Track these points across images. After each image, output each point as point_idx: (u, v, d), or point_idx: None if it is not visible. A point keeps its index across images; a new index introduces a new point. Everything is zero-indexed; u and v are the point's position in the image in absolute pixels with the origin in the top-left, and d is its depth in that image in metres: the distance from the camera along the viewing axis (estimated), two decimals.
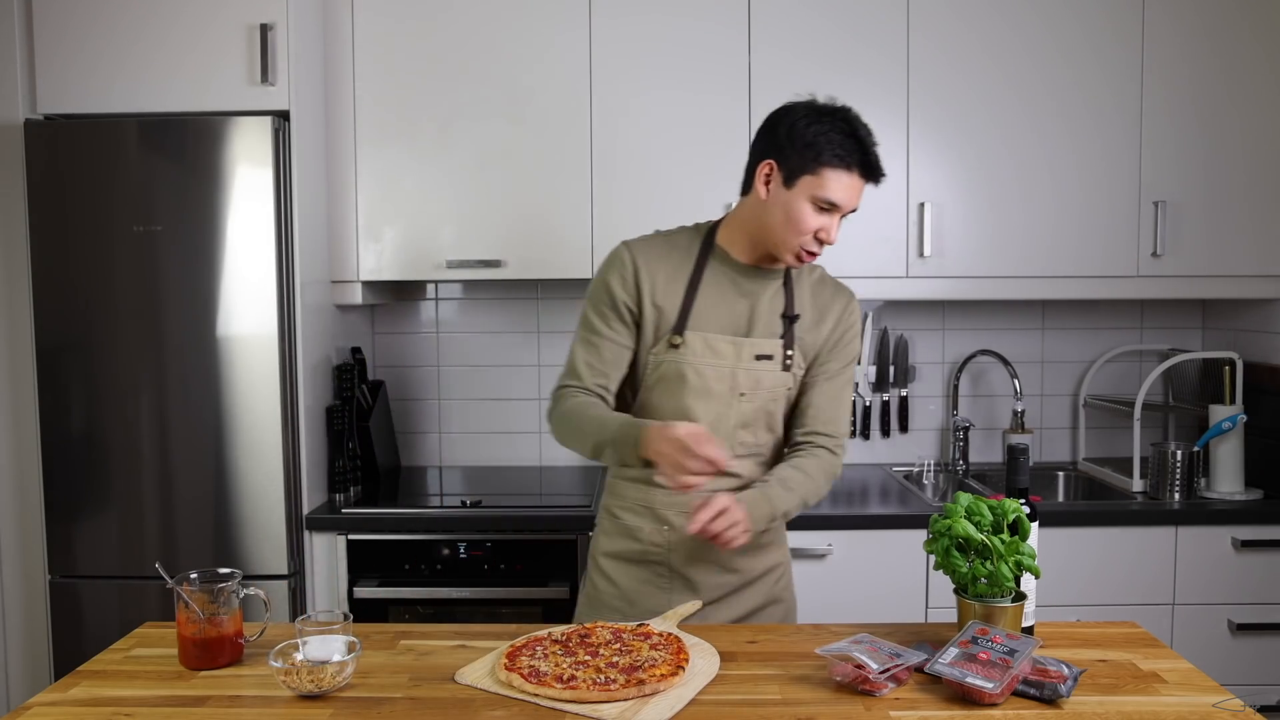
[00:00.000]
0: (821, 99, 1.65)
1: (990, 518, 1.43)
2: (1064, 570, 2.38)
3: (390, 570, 2.42)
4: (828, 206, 1.61)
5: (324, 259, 2.59)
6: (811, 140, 1.59)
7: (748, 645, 1.51)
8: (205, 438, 2.34)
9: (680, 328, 1.68)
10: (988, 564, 1.40)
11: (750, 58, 2.60)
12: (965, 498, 1.46)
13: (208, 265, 2.33)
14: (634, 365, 1.73)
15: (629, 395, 1.76)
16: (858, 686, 1.33)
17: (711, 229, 1.75)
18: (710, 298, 1.70)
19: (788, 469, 1.69)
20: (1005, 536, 1.41)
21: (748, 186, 1.70)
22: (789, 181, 1.62)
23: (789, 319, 1.72)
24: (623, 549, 1.77)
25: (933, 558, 1.46)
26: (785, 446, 1.79)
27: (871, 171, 1.63)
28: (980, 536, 1.40)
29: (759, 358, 1.70)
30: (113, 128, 2.32)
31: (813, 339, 1.75)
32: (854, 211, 1.65)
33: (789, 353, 1.71)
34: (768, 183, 1.65)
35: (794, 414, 1.78)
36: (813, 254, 1.65)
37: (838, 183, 1.60)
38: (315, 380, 2.52)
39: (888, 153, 2.57)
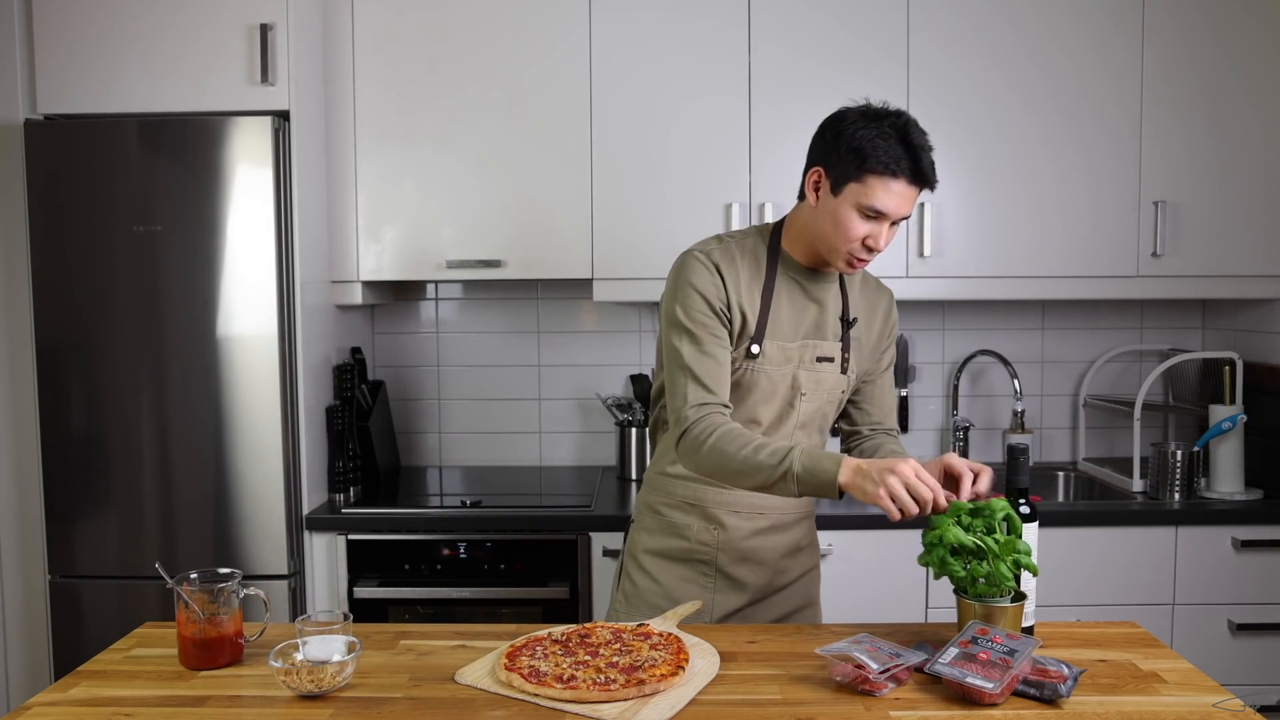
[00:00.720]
0: (877, 103, 1.61)
1: (980, 520, 1.42)
2: (1064, 570, 2.38)
3: (390, 570, 2.42)
4: (874, 214, 1.57)
5: (324, 259, 2.59)
6: (858, 146, 1.56)
7: (748, 645, 1.51)
8: (205, 438, 2.34)
9: (759, 338, 1.67)
10: (984, 564, 1.40)
11: (750, 56, 2.60)
12: (954, 504, 1.45)
13: (208, 265, 2.33)
14: None
15: None
16: (858, 686, 1.33)
17: (775, 233, 1.74)
18: (783, 305, 1.70)
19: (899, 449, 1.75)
20: (999, 536, 1.41)
21: (803, 192, 1.68)
22: (836, 189, 1.59)
23: (847, 322, 1.74)
24: (668, 546, 1.77)
25: (930, 568, 1.45)
26: (850, 439, 1.84)
27: (922, 178, 1.57)
28: (972, 540, 1.39)
29: (820, 359, 1.71)
30: (113, 128, 2.32)
31: (867, 339, 1.78)
32: (906, 219, 1.62)
33: (846, 355, 1.74)
34: (816, 190, 1.63)
35: (854, 410, 1.83)
36: (863, 260, 1.63)
37: (884, 190, 1.55)
38: (315, 380, 2.52)
39: None
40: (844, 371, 1.74)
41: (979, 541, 1.39)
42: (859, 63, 2.60)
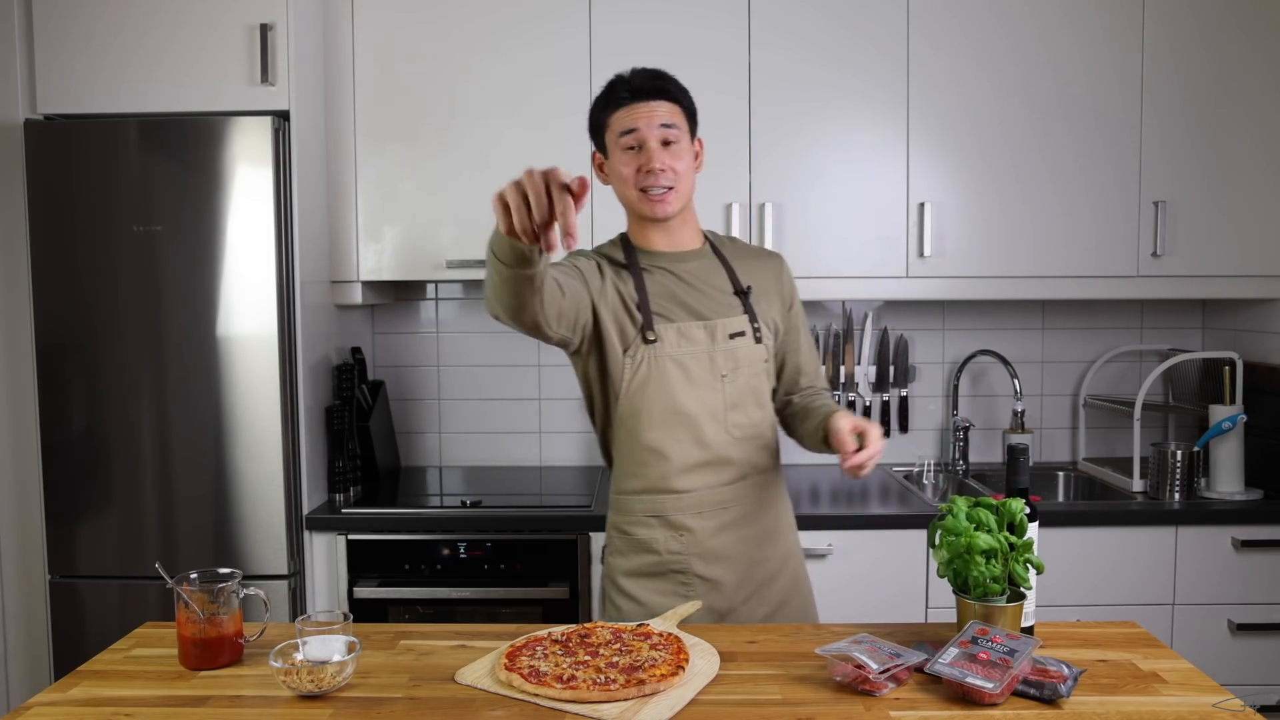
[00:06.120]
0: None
1: (995, 519, 1.43)
2: (1064, 570, 2.38)
3: (390, 570, 2.42)
4: (633, 143, 1.67)
5: (324, 259, 2.59)
6: (596, 106, 1.74)
7: (748, 645, 1.51)
8: (205, 438, 2.34)
9: (649, 323, 1.69)
10: (994, 563, 1.40)
11: (750, 56, 2.60)
12: (962, 502, 1.45)
13: (208, 265, 2.33)
14: (609, 374, 1.72)
15: (610, 402, 1.75)
16: (858, 686, 1.33)
17: (623, 235, 1.79)
18: (659, 292, 1.72)
19: (836, 403, 1.79)
20: (1008, 535, 1.41)
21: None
22: (605, 153, 1.74)
23: (742, 294, 1.76)
24: (641, 564, 1.75)
25: (935, 563, 1.45)
26: (785, 409, 1.86)
27: (649, 92, 1.67)
28: (1000, 543, 1.39)
29: (732, 336, 1.73)
30: (113, 128, 2.32)
31: (767, 306, 1.80)
32: (671, 129, 1.67)
33: (756, 326, 1.75)
34: (602, 168, 1.76)
35: (783, 380, 1.86)
36: (659, 193, 1.68)
37: (624, 117, 1.68)
38: (315, 380, 2.52)
39: (887, 153, 2.62)
40: (758, 341, 1.75)
41: (1004, 539, 1.39)
42: (859, 63, 2.60)
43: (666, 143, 1.67)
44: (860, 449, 1.55)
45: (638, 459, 1.72)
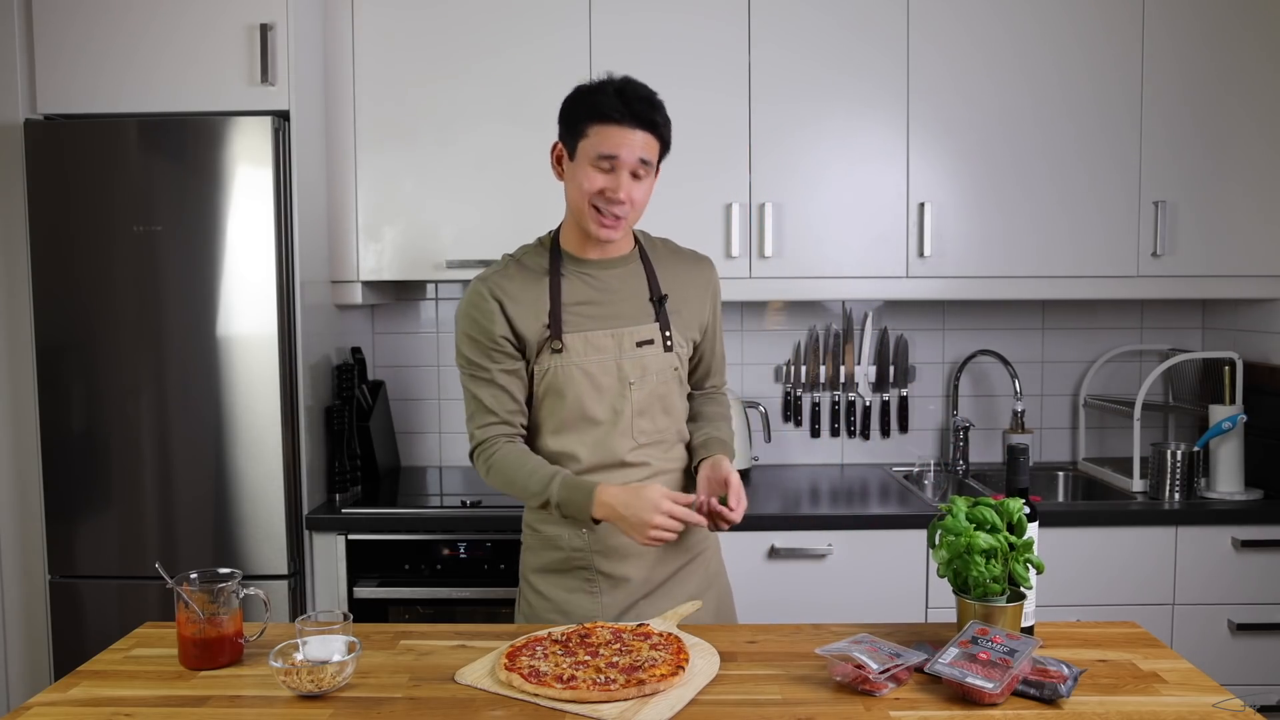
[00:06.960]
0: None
1: (998, 519, 1.43)
2: (1064, 570, 2.38)
3: (390, 570, 2.42)
4: (608, 165, 1.63)
5: (324, 259, 2.59)
6: (580, 107, 1.66)
7: (748, 645, 1.51)
8: (205, 438, 2.34)
9: (557, 333, 1.69)
10: (994, 563, 1.40)
11: (750, 56, 2.60)
12: (962, 502, 1.45)
13: (208, 265, 2.33)
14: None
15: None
16: (858, 686, 1.33)
17: (554, 237, 1.78)
18: (574, 299, 1.72)
19: (721, 423, 1.85)
20: (1011, 537, 1.41)
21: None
22: (572, 154, 1.68)
23: (658, 301, 1.76)
24: (548, 561, 1.77)
25: (935, 563, 1.45)
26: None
27: (640, 120, 1.63)
28: (1000, 543, 1.40)
29: (640, 344, 1.73)
30: (113, 128, 2.32)
31: (688, 310, 1.79)
32: (646, 164, 1.65)
33: (667, 334, 1.75)
34: (560, 163, 1.72)
35: (693, 378, 1.89)
36: (613, 219, 1.66)
37: (608, 137, 1.62)
38: (315, 380, 2.52)
39: (887, 153, 2.62)
40: (668, 349, 1.75)
41: (1004, 539, 1.39)
42: (859, 63, 2.60)
43: (635, 175, 1.65)
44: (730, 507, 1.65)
45: (547, 459, 1.73)
